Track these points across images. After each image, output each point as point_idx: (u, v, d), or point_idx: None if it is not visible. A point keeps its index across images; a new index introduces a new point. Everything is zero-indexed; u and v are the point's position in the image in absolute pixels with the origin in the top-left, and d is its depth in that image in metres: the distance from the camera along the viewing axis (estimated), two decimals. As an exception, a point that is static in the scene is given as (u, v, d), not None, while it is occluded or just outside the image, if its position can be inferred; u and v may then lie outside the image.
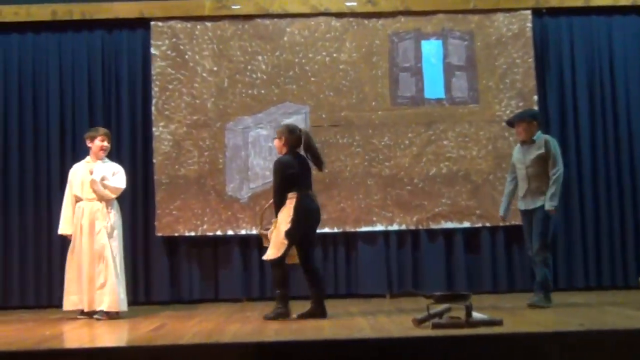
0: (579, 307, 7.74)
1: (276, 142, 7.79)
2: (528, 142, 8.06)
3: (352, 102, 9.78)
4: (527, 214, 8.05)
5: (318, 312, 7.46)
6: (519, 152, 8.15)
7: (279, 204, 7.54)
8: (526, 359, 5.51)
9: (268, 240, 7.64)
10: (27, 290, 9.55)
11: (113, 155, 9.64)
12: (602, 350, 5.56)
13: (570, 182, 9.75)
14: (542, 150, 7.96)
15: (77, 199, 8.34)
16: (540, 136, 8.08)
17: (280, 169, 7.56)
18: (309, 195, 7.58)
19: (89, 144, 8.45)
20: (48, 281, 9.55)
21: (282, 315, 7.40)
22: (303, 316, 7.44)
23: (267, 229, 7.72)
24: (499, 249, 9.68)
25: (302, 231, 7.46)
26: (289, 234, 7.39)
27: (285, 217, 7.45)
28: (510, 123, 8.34)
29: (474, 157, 9.68)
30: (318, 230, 8.01)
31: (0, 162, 9.67)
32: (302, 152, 7.66)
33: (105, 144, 8.43)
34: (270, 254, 7.50)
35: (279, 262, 7.47)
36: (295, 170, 7.54)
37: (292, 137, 7.65)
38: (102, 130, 8.53)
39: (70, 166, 9.49)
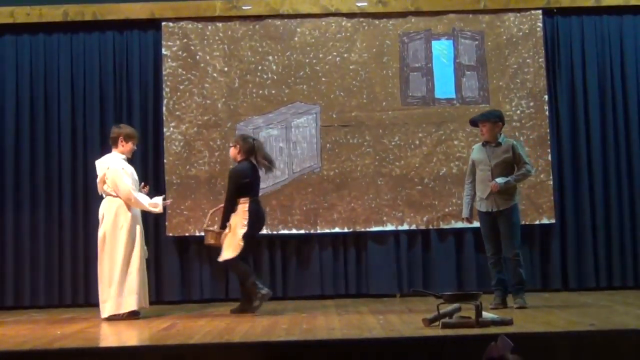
0: (589, 307, 7.73)
1: (232, 151, 8.31)
2: (492, 143, 7.96)
3: (363, 102, 9.79)
4: (489, 215, 7.95)
5: (248, 307, 7.97)
6: (482, 153, 8.01)
7: (230, 210, 8.08)
8: (536, 359, 5.51)
9: (213, 238, 8.16)
10: (38, 290, 9.59)
11: (124, 155, 9.72)
12: (613, 350, 5.55)
13: (581, 182, 9.75)
14: (509, 154, 7.89)
15: None
16: (505, 139, 8.00)
17: (236, 177, 8.12)
18: (258, 201, 8.23)
19: (121, 142, 8.14)
20: (59, 281, 9.59)
21: (265, 296, 7.94)
22: (235, 311, 8.09)
23: (211, 228, 8.26)
24: (509, 249, 9.66)
25: (253, 233, 8.14)
26: (246, 235, 7.98)
27: (240, 221, 8.00)
28: (474, 122, 8.22)
29: (485, 157, 9.67)
30: (330, 230, 9.61)
31: (12, 161, 9.70)
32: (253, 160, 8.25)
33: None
34: (226, 255, 8.03)
35: (234, 262, 8.05)
36: (249, 179, 8.13)
37: (247, 145, 8.20)
38: (136, 132, 8.41)
39: (82, 166, 9.58)
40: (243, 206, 8.04)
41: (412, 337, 5.97)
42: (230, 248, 8.02)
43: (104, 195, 8.14)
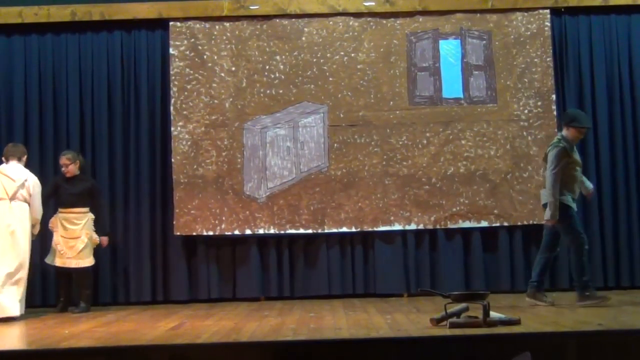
0: (597, 307, 7.69)
1: (72, 167, 9.09)
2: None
3: (370, 101, 9.79)
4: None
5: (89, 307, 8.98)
6: (577, 155, 8.05)
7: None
8: (544, 359, 5.50)
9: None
10: (49, 289, 9.59)
11: (132, 155, 9.76)
12: (621, 350, 5.54)
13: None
14: None
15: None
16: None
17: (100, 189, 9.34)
18: None
19: (25, 157, 8.81)
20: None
21: (88, 310, 8.89)
22: (77, 311, 8.85)
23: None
24: (516, 248, 9.66)
25: None
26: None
27: (91, 228, 9.07)
28: (585, 126, 8.16)
29: (492, 157, 9.66)
30: (338, 230, 9.64)
31: (21, 162, 9.72)
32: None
33: None
34: (91, 261, 9.05)
35: (91, 269, 9.11)
36: None
37: (81, 163, 9.23)
38: None
39: (90, 167, 9.66)
40: (91, 215, 9.11)
41: (419, 336, 5.96)
42: (91, 255, 9.04)
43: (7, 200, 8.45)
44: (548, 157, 7.99)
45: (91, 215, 9.11)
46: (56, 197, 9.18)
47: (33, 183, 8.63)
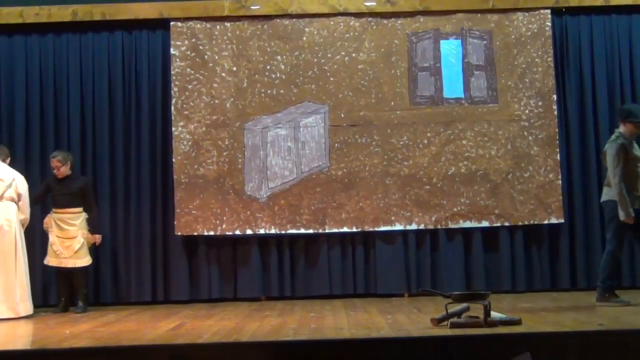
0: (598, 307, 7.70)
1: (63, 169, 9.03)
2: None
3: (371, 101, 9.78)
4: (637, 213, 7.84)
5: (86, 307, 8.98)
6: (637, 150, 7.91)
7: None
8: (545, 359, 5.50)
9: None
10: (50, 289, 9.60)
11: (133, 154, 9.77)
12: (622, 350, 5.54)
13: (590, 183, 9.71)
14: None
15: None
16: None
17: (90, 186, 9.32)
18: None
19: (9, 158, 8.92)
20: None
21: (85, 309, 8.91)
22: (78, 311, 8.84)
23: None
24: (517, 248, 9.65)
25: None
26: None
27: (85, 227, 9.04)
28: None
29: (493, 157, 9.66)
30: (339, 230, 9.63)
31: (22, 163, 9.70)
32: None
33: None
34: (88, 260, 9.05)
35: (87, 269, 9.13)
36: None
37: (72, 161, 9.17)
38: None
39: (91, 167, 9.65)
40: (85, 214, 9.09)
41: (420, 336, 5.96)
42: (88, 254, 9.03)
43: None
44: (607, 155, 7.86)
45: (85, 215, 9.10)
46: (49, 198, 9.21)
47: (21, 181, 8.71)
